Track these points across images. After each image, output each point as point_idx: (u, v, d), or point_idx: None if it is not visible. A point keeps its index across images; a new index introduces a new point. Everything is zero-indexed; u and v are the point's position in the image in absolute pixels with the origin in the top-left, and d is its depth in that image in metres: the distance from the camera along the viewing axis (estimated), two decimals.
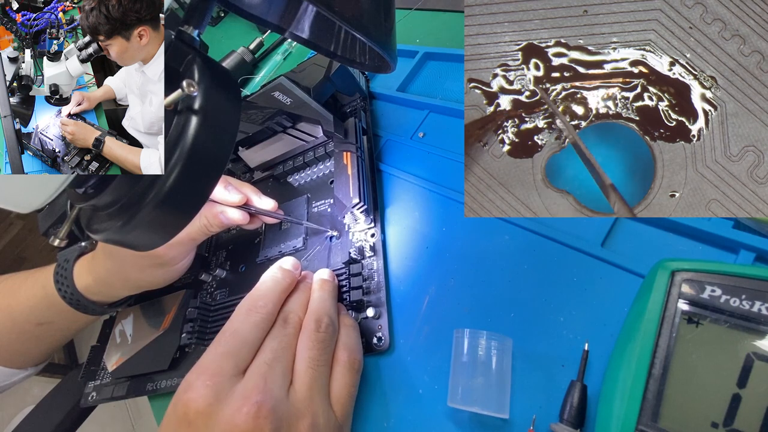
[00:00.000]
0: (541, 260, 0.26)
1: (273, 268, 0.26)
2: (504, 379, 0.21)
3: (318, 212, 0.35)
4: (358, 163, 0.31)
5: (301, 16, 0.25)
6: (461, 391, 0.21)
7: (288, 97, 0.32)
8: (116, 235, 0.18)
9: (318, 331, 0.23)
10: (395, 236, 0.31)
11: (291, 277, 0.26)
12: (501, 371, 0.21)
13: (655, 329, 0.18)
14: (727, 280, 0.17)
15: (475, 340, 0.22)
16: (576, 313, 0.23)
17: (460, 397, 0.21)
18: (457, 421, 0.23)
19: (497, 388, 0.21)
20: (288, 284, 0.25)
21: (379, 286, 0.28)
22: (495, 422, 0.22)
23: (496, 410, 0.21)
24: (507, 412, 0.21)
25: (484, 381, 0.21)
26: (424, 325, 0.27)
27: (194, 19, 0.19)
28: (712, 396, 0.16)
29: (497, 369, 0.21)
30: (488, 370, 0.21)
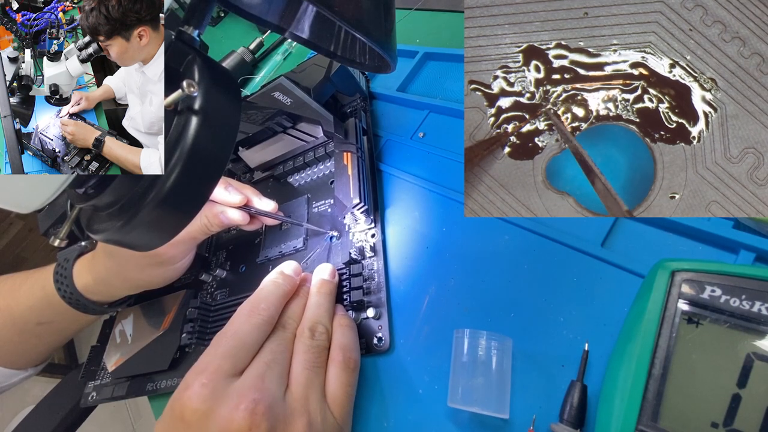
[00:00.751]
0: (541, 260, 0.26)
1: (274, 273, 0.26)
2: (504, 379, 0.21)
3: (318, 212, 0.35)
4: (358, 164, 0.31)
5: (301, 16, 0.25)
6: (461, 391, 0.21)
7: (288, 98, 0.32)
8: (116, 235, 0.18)
9: (312, 339, 0.23)
10: (395, 236, 0.31)
11: (291, 283, 0.26)
12: (501, 371, 0.21)
13: (655, 329, 0.18)
14: (727, 280, 0.17)
15: (475, 340, 0.22)
16: (576, 313, 0.23)
17: (460, 397, 0.21)
18: (456, 421, 0.23)
19: (497, 388, 0.21)
20: (289, 289, 0.25)
21: (379, 287, 0.28)
22: (495, 422, 0.22)
23: (496, 410, 0.21)
24: (507, 412, 0.21)
25: (484, 381, 0.21)
26: (424, 325, 0.27)
27: (194, 20, 0.19)
28: (712, 396, 0.16)
29: (497, 369, 0.21)
30: (488, 370, 0.21)
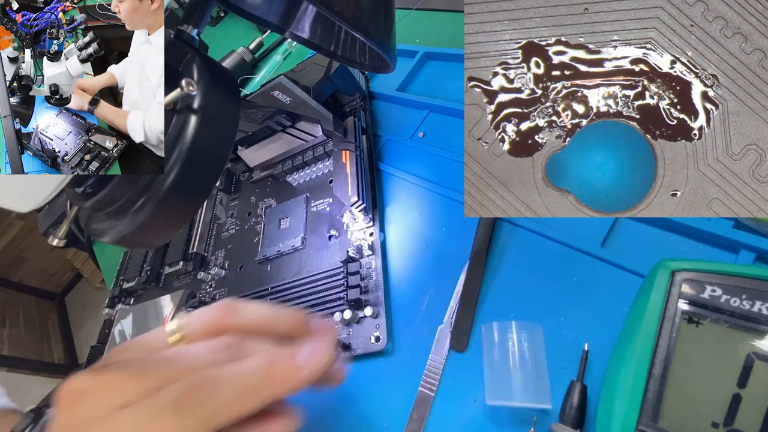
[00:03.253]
0: (541, 260, 0.26)
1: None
2: (540, 367, 0.21)
3: (317, 212, 0.34)
4: (357, 162, 0.31)
5: (301, 16, 0.25)
6: (499, 387, 0.21)
7: (287, 96, 0.32)
8: (115, 235, 0.18)
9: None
10: (395, 236, 0.31)
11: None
12: (536, 360, 0.21)
13: (655, 329, 0.18)
14: (727, 280, 0.17)
15: (504, 333, 0.21)
16: (576, 313, 0.23)
17: (499, 393, 0.21)
18: (457, 420, 0.23)
19: (533, 378, 0.20)
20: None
21: (377, 285, 0.28)
22: (495, 418, 0.22)
23: (537, 401, 0.20)
24: (549, 402, 0.20)
25: (522, 373, 0.20)
26: (424, 325, 0.27)
27: (193, 19, 0.19)
28: (713, 396, 0.16)
29: (531, 359, 0.21)
30: (523, 361, 0.20)
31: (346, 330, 0.28)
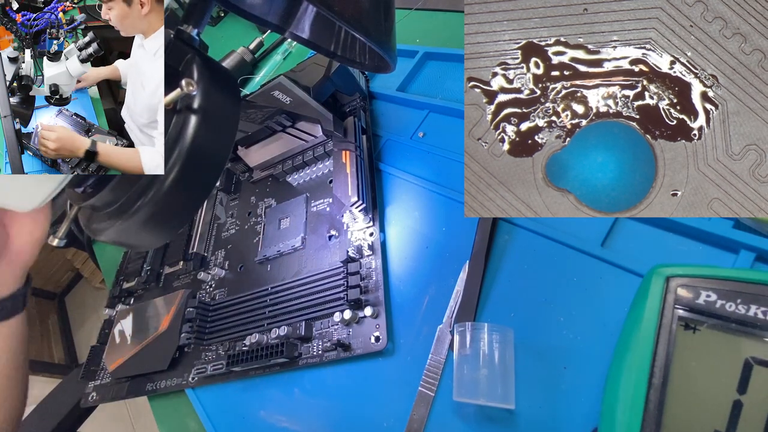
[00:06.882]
0: (541, 260, 0.26)
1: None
2: (508, 369, 0.21)
3: (317, 212, 0.34)
4: (356, 162, 0.31)
5: (301, 16, 0.25)
6: (466, 385, 0.21)
7: (288, 96, 0.32)
8: (115, 235, 0.18)
9: None
10: (395, 236, 0.31)
11: None
12: (504, 362, 0.21)
13: (653, 337, 0.17)
14: (722, 285, 0.17)
15: (477, 333, 0.22)
16: (576, 313, 0.23)
17: (466, 390, 0.21)
18: (457, 419, 0.23)
19: (501, 378, 0.21)
20: None
21: (377, 285, 0.28)
22: (500, 415, 0.22)
23: (502, 401, 0.21)
24: (513, 402, 0.21)
25: (489, 372, 0.21)
26: (424, 325, 0.27)
27: (193, 19, 0.19)
28: (714, 403, 0.16)
29: (500, 360, 0.21)
30: (491, 362, 0.21)
31: (346, 330, 0.28)
